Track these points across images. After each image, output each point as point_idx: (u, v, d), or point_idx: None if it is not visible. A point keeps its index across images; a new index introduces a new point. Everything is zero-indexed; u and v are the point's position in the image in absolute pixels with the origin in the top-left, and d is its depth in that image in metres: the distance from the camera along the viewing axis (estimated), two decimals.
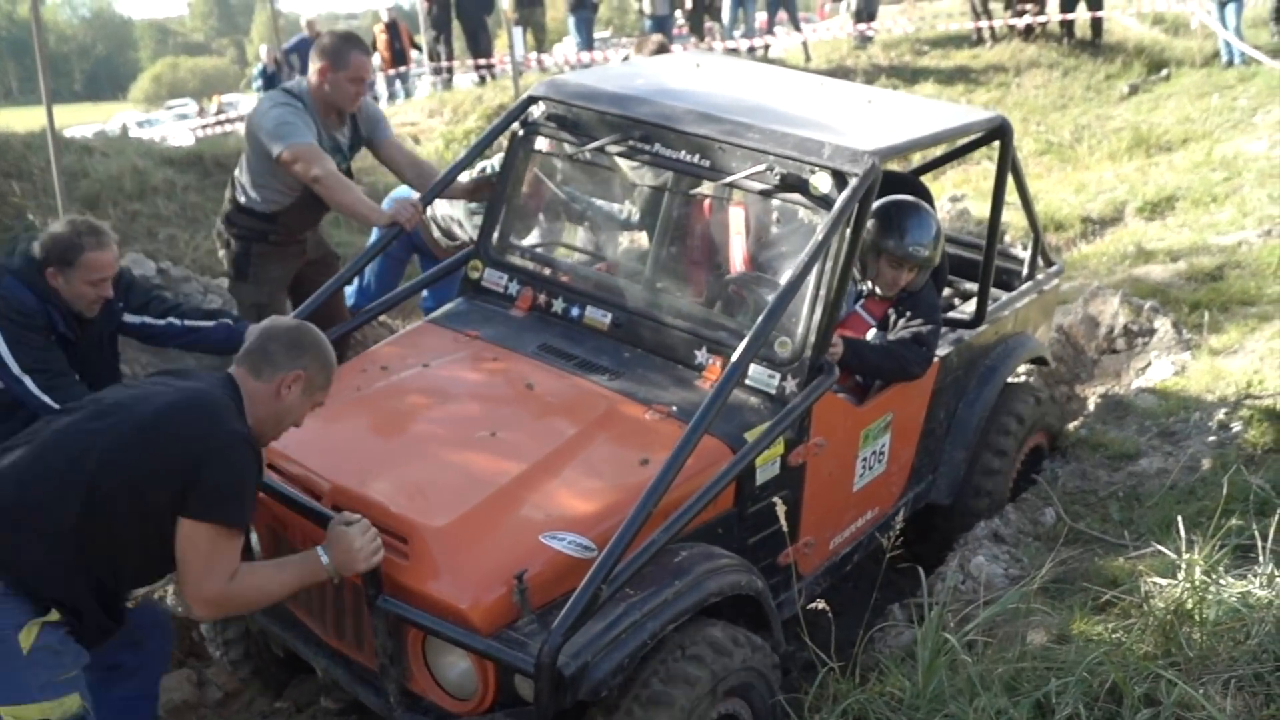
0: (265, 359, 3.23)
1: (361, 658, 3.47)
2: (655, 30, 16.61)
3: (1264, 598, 3.54)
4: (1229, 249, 8.42)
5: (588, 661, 2.98)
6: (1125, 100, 15.11)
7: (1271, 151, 10.82)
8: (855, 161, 3.85)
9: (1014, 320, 5.24)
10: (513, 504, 3.41)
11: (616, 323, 4.28)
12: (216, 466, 3.00)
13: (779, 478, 3.87)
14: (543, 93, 4.64)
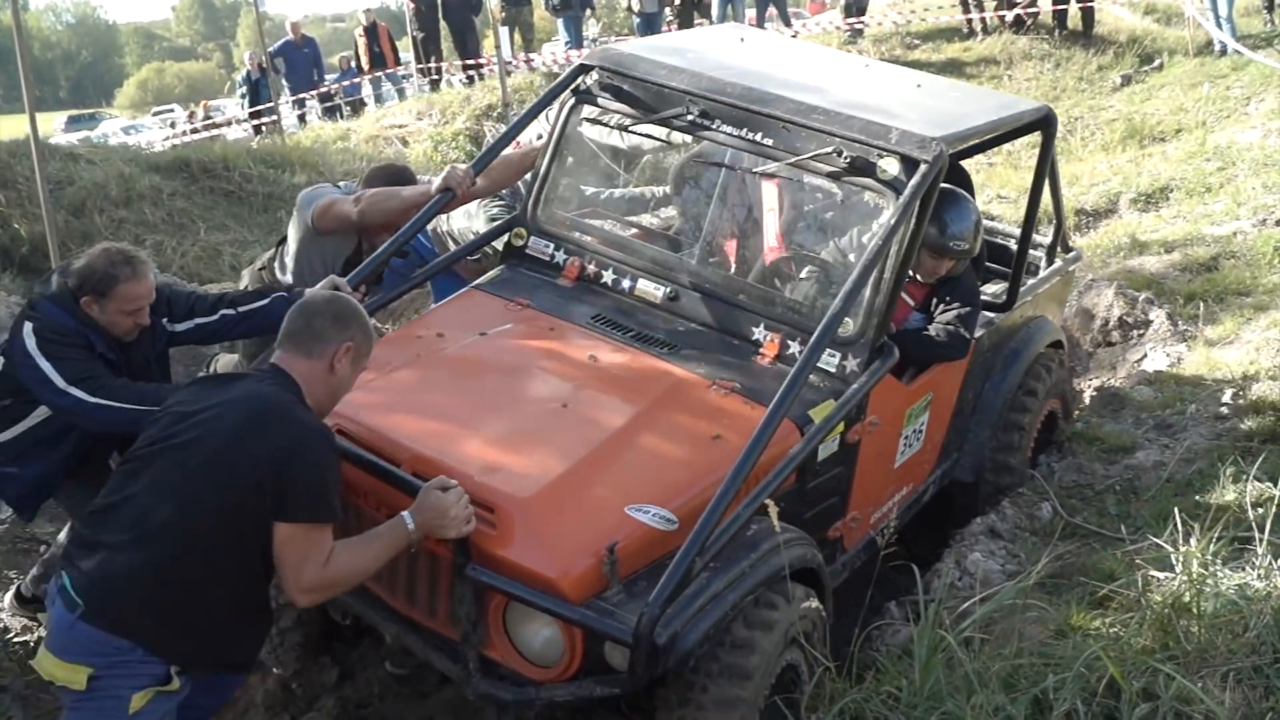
0: (313, 337, 3.25)
1: (434, 625, 3.46)
2: (644, 28, 16.59)
3: (1262, 590, 3.52)
4: (1223, 239, 8.40)
5: (677, 631, 3.06)
6: (1118, 91, 15.09)
7: (1265, 141, 10.80)
8: (924, 149, 3.91)
9: (1035, 304, 5.36)
10: (594, 476, 3.45)
11: (671, 296, 4.28)
12: (301, 468, 3.02)
13: (837, 454, 3.97)
14: (597, 61, 4.61)
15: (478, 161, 4.76)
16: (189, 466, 3.03)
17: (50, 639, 3.03)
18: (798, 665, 3.55)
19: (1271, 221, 8.51)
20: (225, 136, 16.76)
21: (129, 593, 2.97)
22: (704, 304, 4.22)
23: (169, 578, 2.98)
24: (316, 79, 18.09)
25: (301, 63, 17.88)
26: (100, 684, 2.96)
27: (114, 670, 2.96)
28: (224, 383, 3.31)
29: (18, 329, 4.03)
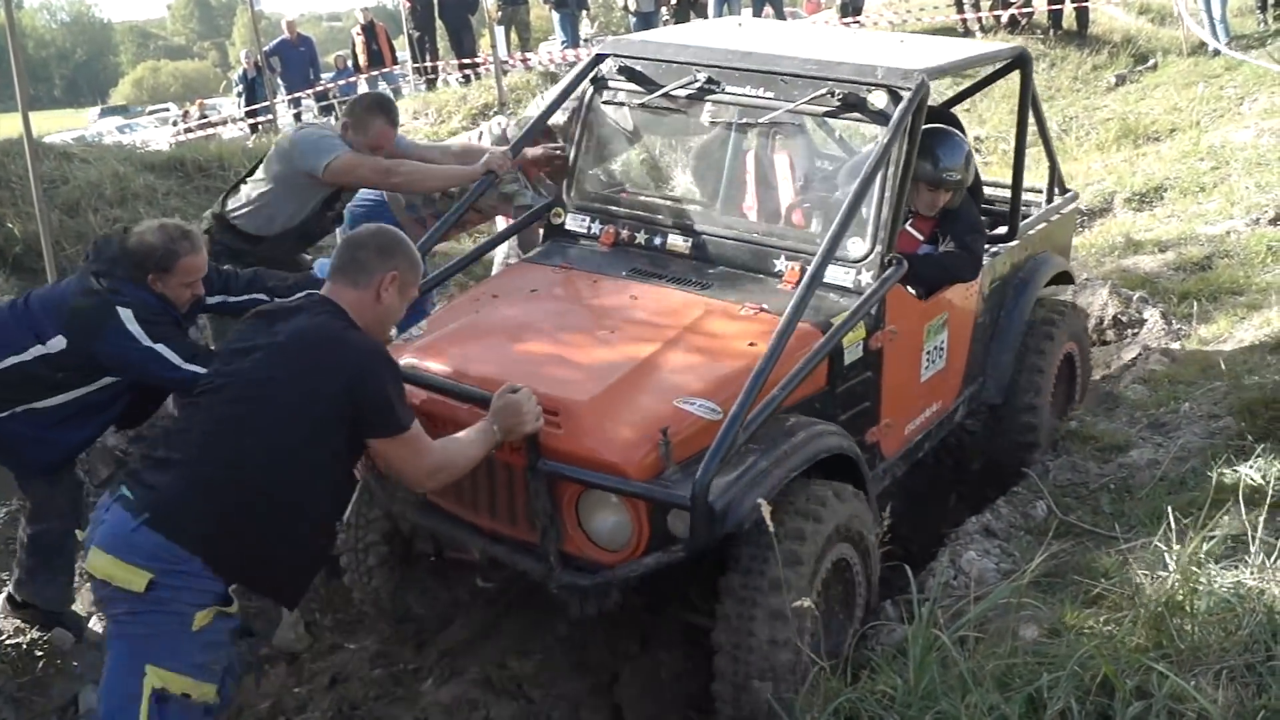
0: (359, 267, 3.42)
1: (516, 532, 3.86)
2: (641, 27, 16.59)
3: (1255, 588, 3.53)
4: (1217, 238, 8.42)
5: (732, 498, 3.49)
6: (1112, 91, 15.12)
7: (1258, 140, 10.82)
8: (907, 78, 4.38)
9: (1040, 239, 5.83)
10: (645, 379, 3.87)
11: (698, 245, 4.73)
12: (370, 391, 3.25)
13: (862, 359, 4.37)
14: (611, 49, 5.14)
15: (515, 145, 5.26)
16: (258, 397, 3.22)
17: (104, 540, 3.12)
18: (850, 560, 3.99)
19: (1264, 221, 8.54)
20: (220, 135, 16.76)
21: (196, 508, 3.13)
22: (729, 248, 4.67)
23: (238, 499, 3.16)
24: (312, 78, 18.09)
25: (297, 62, 17.88)
26: (160, 593, 3.08)
27: (174, 580, 3.08)
28: (281, 316, 3.43)
29: (105, 315, 4.11)
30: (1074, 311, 6.02)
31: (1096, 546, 4.40)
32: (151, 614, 3.10)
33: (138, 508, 3.10)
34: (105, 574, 3.11)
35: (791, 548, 3.63)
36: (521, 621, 4.55)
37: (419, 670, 4.35)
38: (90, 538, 3.21)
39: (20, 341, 4.17)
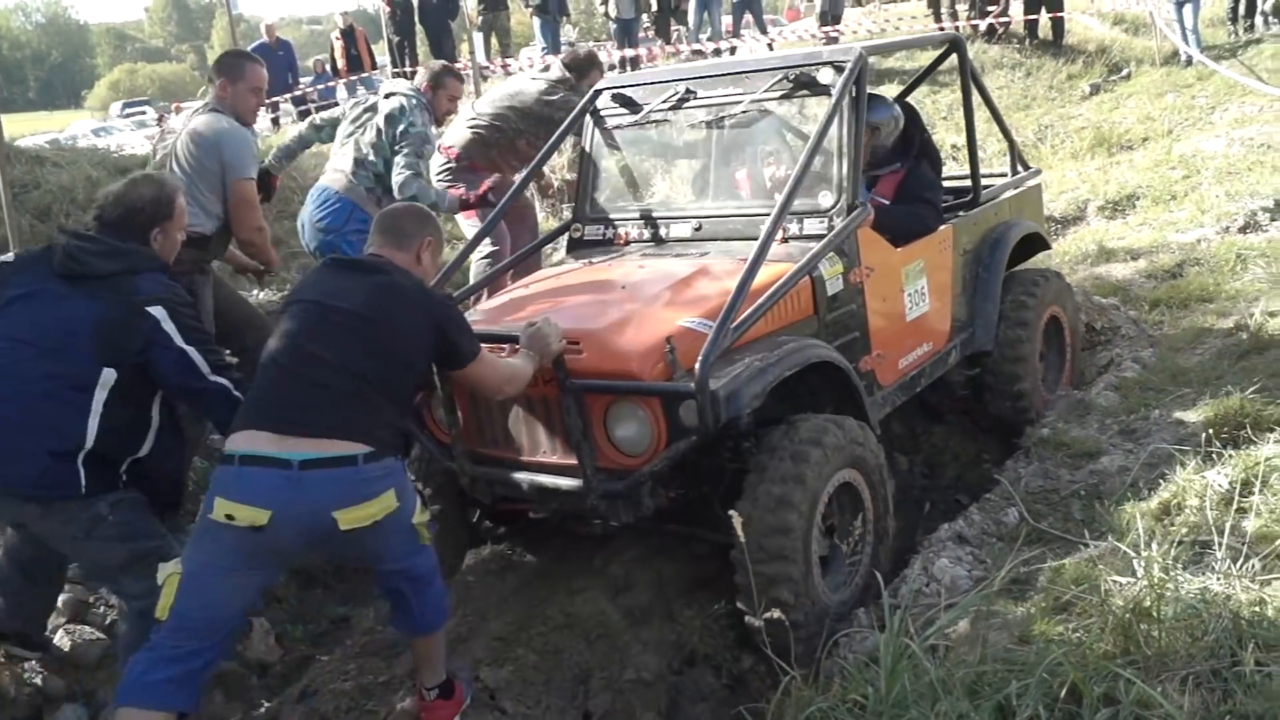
0: (402, 234, 3.97)
1: (556, 459, 4.39)
2: (621, 34, 16.63)
3: (1221, 593, 3.56)
4: (1188, 246, 8.51)
5: (733, 390, 4.02)
6: (1087, 100, 15.23)
7: (1229, 149, 10.94)
8: (848, 54, 5.05)
9: (1008, 208, 6.43)
10: (652, 311, 4.43)
11: (698, 227, 5.35)
12: (454, 324, 3.86)
13: (844, 292, 4.93)
14: (604, 85, 5.86)
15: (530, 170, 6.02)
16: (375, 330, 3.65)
17: (341, 499, 3.43)
18: (856, 485, 4.47)
19: (1234, 229, 8.64)
20: None
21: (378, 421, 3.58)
22: (723, 224, 5.29)
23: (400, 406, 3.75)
24: (291, 82, 18.05)
25: (275, 66, 17.79)
26: (400, 492, 3.57)
27: (397, 479, 3.59)
28: (356, 269, 3.90)
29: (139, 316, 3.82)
30: (1055, 276, 6.52)
31: (1067, 553, 4.43)
32: (405, 513, 3.64)
33: (344, 458, 3.44)
34: (369, 517, 3.47)
35: (795, 468, 4.13)
36: (494, 632, 4.56)
37: (390, 682, 4.35)
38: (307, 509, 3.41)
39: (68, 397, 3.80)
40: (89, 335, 3.79)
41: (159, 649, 3.45)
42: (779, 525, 4.09)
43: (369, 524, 3.45)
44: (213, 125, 5.24)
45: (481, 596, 4.90)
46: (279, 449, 3.41)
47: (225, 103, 5.35)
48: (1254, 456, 4.64)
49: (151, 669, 3.43)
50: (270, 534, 3.39)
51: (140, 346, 3.81)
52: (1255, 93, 12.91)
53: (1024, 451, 5.61)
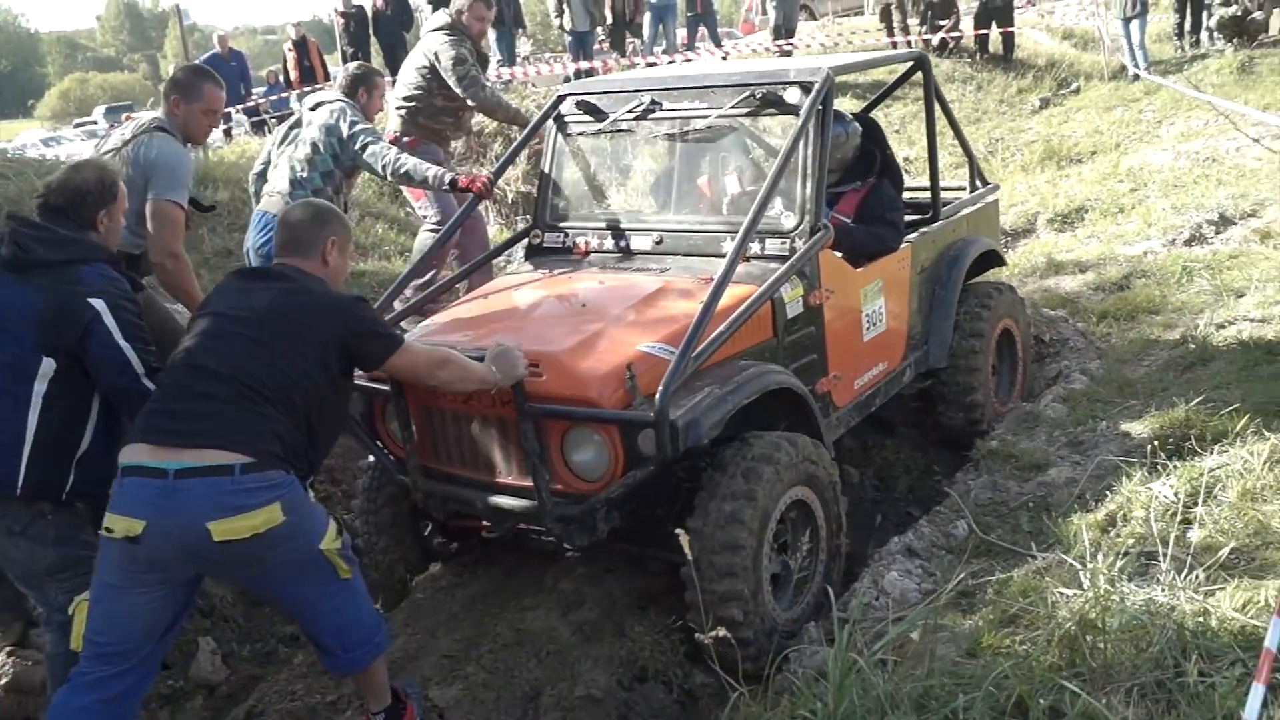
0: (300, 242, 3.86)
1: (511, 480, 4.35)
2: (576, 47, 16.63)
3: (1165, 604, 3.60)
4: (1135, 259, 8.62)
5: (692, 418, 4.00)
6: (1037, 114, 15.39)
7: (1175, 163, 11.09)
8: (815, 74, 5.03)
9: (966, 224, 6.46)
10: (612, 334, 4.40)
11: (658, 241, 5.32)
12: (358, 324, 3.73)
13: (804, 314, 4.92)
14: (569, 91, 5.80)
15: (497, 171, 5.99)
16: (271, 340, 3.56)
17: (216, 509, 3.30)
18: (809, 503, 4.48)
19: (1180, 242, 8.75)
20: None
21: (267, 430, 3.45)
22: (683, 239, 5.26)
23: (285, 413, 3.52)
24: (243, 93, 17.92)
25: (228, 76, 17.59)
26: (296, 509, 3.43)
27: (295, 495, 3.46)
28: (258, 277, 3.94)
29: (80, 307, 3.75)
30: (1009, 290, 6.64)
31: (1015, 565, 4.46)
32: (295, 522, 3.43)
33: (220, 467, 3.32)
34: (249, 530, 3.31)
35: (747, 486, 4.15)
36: (443, 649, 4.54)
37: (337, 702, 4.32)
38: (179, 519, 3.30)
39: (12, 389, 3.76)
40: (33, 324, 3.73)
41: (77, 678, 3.44)
42: (729, 542, 4.10)
43: (247, 536, 3.31)
44: (150, 142, 4.93)
45: (431, 614, 4.86)
46: (156, 459, 3.34)
47: (176, 120, 5.03)
48: (1198, 468, 4.70)
49: (72, 697, 3.42)
50: (146, 545, 3.31)
51: (78, 337, 3.74)
52: (1201, 107, 13.09)
53: (973, 464, 5.66)
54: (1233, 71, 15.00)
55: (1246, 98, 13.18)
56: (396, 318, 5.27)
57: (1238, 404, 5.31)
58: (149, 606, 3.45)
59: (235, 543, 3.30)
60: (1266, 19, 15.89)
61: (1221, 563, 3.90)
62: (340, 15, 17.93)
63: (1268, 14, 15.89)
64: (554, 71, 17.64)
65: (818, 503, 4.53)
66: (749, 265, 4.82)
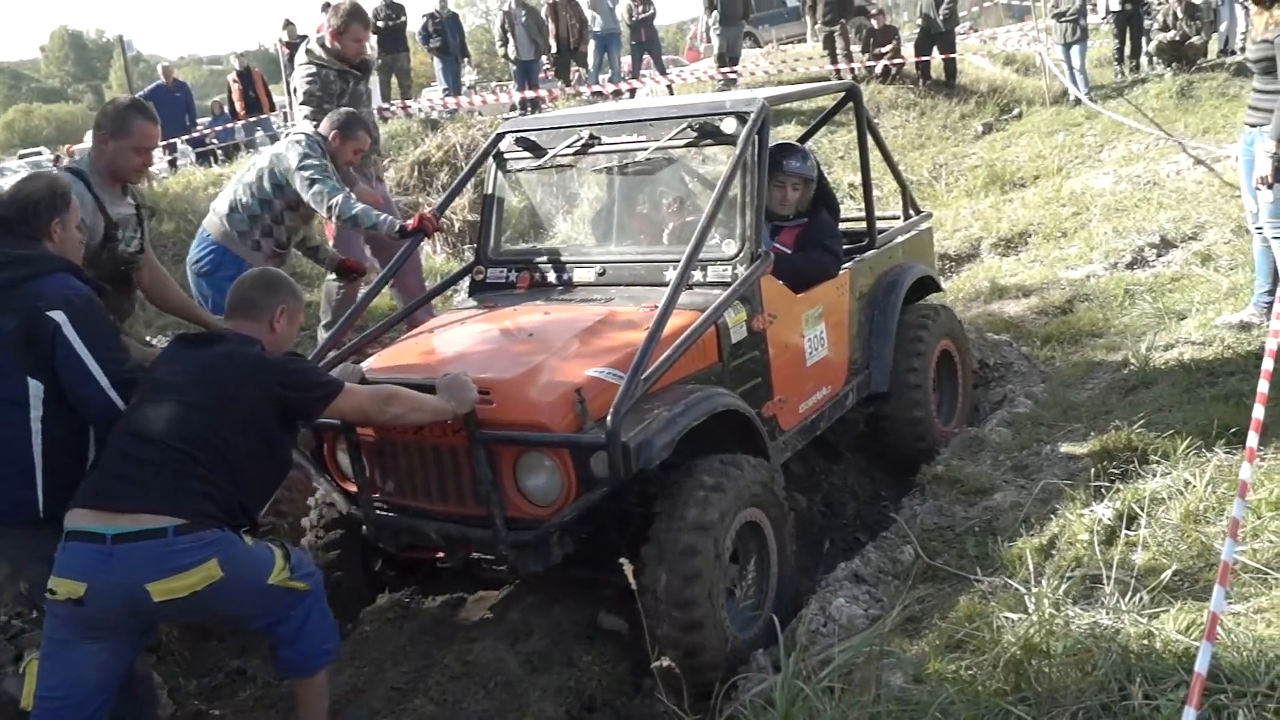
0: (251, 306, 3.93)
1: (465, 510, 4.36)
2: (521, 75, 16.66)
3: (1110, 627, 3.62)
4: (1078, 282, 8.70)
5: (644, 440, 4.03)
6: (980, 139, 15.56)
7: (1116, 187, 11.22)
8: (750, 104, 5.13)
9: (902, 251, 6.55)
10: (561, 361, 4.43)
11: (601, 272, 5.38)
12: (291, 380, 3.78)
13: (748, 339, 4.98)
14: (508, 128, 5.83)
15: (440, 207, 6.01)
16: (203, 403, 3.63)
17: (156, 572, 3.38)
18: (760, 524, 4.53)
19: (1122, 265, 8.84)
20: None
21: (197, 491, 3.50)
22: (626, 269, 5.34)
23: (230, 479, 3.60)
24: (188, 124, 17.82)
25: (173, 107, 17.59)
26: (227, 557, 3.47)
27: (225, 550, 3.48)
28: (195, 344, 3.89)
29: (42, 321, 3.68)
30: (946, 312, 6.72)
31: (961, 590, 4.47)
32: (235, 573, 3.49)
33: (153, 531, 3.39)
34: (188, 588, 3.40)
35: (702, 514, 4.18)
36: (391, 681, 4.50)
37: None
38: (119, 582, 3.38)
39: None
40: (6, 349, 3.69)
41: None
42: (688, 572, 4.11)
43: (186, 594, 3.41)
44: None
45: (378, 646, 4.82)
46: (95, 524, 3.43)
47: (103, 157, 4.69)
48: (1142, 490, 4.74)
49: None
50: (90, 607, 3.41)
51: (49, 352, 3.69)
52: (1141, 131, 13.27)
53: (920, 489, 5.66)
54: (1172, 95, 15.25)
55: (1186, 121, 13.40)
56: (337, 359, 5.11)
57: (1180, 426, 5.37)
58: (99, 656, 3.53)
59: (177, 600, 3.41)
60: (1204, 44, 16.17)
61: (1165, 585, 3.93)
62: (285, 46, 17.88)
63: (1205, 39, 16.17)
64: (499, 100, 17.72)
65: (768, 523, 4.57)
66: (692, 293, 4.85)
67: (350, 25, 6.73)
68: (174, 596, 3.39)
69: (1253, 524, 4.22)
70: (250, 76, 18.30)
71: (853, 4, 17.61)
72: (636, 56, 18.55)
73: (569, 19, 17.34)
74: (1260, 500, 4.37)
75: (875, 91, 16.56)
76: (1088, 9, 17.45)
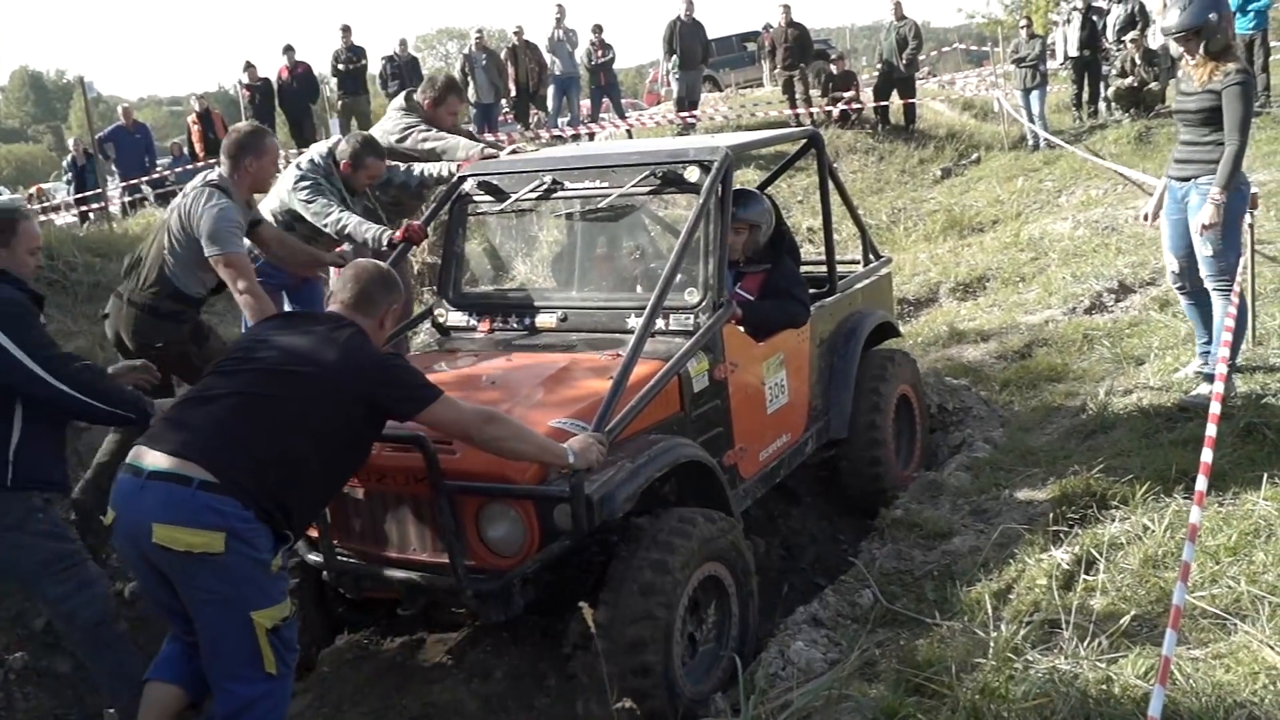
0: (368, 300, 3.99)
1: (428, 557, 4.33)
2: (481, 118, 16.70)
3: (1069, 672, 3.61)
4: (1036, 327, 8.74)
5: (607, 493, 4.04)
6: (939, 183, 15.69)
7: (1074, 232, 11.32)
8: (714, 153, 5.15)
9: (861, 297, 6.59)
10: (524, 411, 4.37)
11: (563, 318, 5.38)
12: (396, 381, 3.81)
13: (709, 388, 4.98)
14: (470, 171, 5.83)
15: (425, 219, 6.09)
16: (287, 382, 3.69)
17: (165, 513, 3.43)
18: (722, 579, 4.52)
19: (1080, 310, 8.90)
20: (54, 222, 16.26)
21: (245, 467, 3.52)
22: (588, 316, 5.36)
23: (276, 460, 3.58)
24: (148, 164, 17.75)
25: (133, 148, 17.55)
26: (239, 546, 3.46)
27: (245, 532, 3.47)
28: (305, 320, 4.07)
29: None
30: (905, 358, 6.81)
31: (920, 634, 4.45)
32: (236, 568, 3.47)
33: (181, 475, 3.45)
34: (184, 544, 3.40)
35: (661, 557, 4.19)
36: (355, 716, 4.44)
37: None
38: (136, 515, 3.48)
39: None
40: None
41: None
42: (642, 613, 4.11)
43: (180, 550, 3.42)
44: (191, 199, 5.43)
45: (337, 687, 4.78)
46: (140, 460, 3.56)
47: (245, 176, 5.54)
48: (1099, 535, 4.75)
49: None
50: (117, 535, 3.60)
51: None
52: (1100, 176, 13.41)
53: (879, 532, 5.65)
54: (1130, 141, 15.45)
55: (1144, 166, 13.56)
56: None
57: (1138, 471, 5.38)
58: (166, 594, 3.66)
59: (170, 551, 3.43)
60: (1162, 89, 16.41)
61: (1123, 630, 3.92)
62: (245, 88, 17.86)
63: (1163, 85, 16.41)
64: None
65: (730, 578, 4.55)
66: (655, 341, 4.84)
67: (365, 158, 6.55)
68: (169, 546, 3.41)
69: (1211, 570, 4.23)
70: (210, 118, 18.24)
71: (811, 49, 17.78)
72: (595, 100, 18.61)
73: (528, 63, 17.43)
74: (1219, 545, 4.39)
75: (834, 136, 16.66)
76: (1047, 55, 17.70)
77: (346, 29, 17.75)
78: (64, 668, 4.96)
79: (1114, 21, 17.44)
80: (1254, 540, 4.41)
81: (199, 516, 3.42)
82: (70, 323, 9.03)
